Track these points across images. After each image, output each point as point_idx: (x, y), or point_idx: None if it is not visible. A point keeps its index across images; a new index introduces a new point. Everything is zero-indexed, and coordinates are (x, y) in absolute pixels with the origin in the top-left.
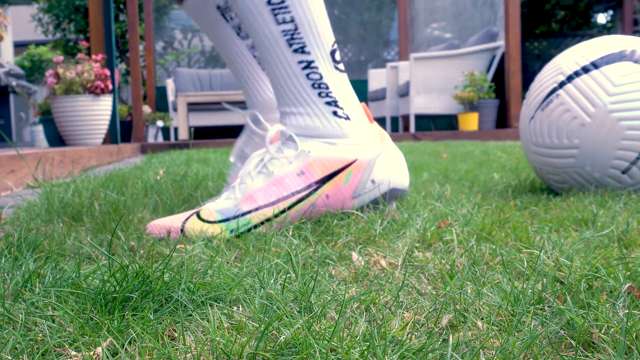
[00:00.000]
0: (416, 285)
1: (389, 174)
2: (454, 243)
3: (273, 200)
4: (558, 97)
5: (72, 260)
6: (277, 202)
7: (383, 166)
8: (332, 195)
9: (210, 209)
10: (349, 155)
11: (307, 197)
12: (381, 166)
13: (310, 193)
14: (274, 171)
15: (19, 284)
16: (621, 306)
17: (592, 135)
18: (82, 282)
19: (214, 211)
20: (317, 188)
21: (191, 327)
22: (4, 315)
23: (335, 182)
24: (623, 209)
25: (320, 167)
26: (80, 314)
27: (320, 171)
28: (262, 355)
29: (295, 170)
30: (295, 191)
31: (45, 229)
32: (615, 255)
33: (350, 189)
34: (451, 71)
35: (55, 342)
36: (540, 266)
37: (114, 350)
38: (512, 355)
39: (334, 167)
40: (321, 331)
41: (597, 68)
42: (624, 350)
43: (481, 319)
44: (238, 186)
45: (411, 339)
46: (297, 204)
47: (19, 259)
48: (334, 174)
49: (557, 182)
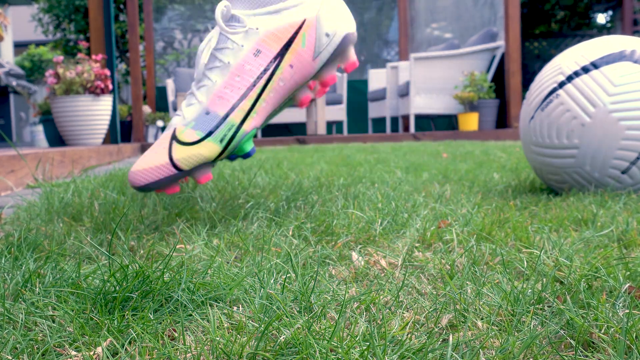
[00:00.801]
0: (416, 285)
1: (337, 22)
2: (453, 243)
3: (244, 92)
4: (558, 97)
5: (72, 260)
6: (249, 92)
7: (329, 16)
8: (296, 62)
9: (183, 128)
10: (296, 18)
11: (274, 74)
12: (327, 17)
13: (275, 69)
14: (230, 61)
15: (19, 284)
16: (621, 306)
17: (592, 135)
18: (82, 282)
19: (190, 129)
20: (279, 61)
21: (191, 327)
22: (4, 315)
23: (294, 48)
24: (623, 209)
25: (274, 39)
26: (80, 313)
27: (275, 44)
28: (262, 355)
29: (250, 52)
30: (261, 73)
31: (45, 228)
32: (615, 255)
33: (310, 50)
34: (451, 71)
35: (56, 342)
36: (540, 266)
37: (114, 350)
38: (512, 355)
39: (287, 35)
40: (321, 331)
41: (597, 68)
42: (624, 350)
43: (481, 318)
44: (197, 90)
45: (411, 339)
46: (267, 85)
47: (19, 258)
48: (290, 41)
49: (557, 182)
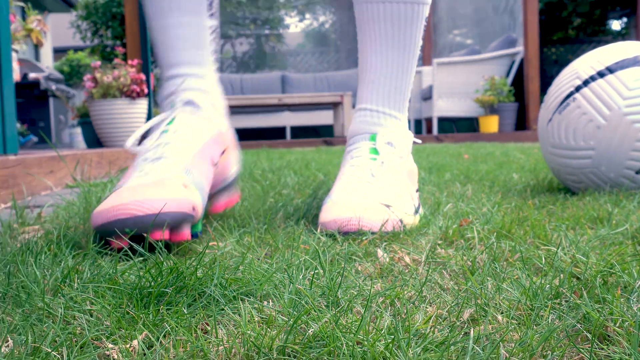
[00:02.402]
0: (439, 280)
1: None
2: (474, 240)
3: None
4: (575, 101)
5: (109, 257)
6: None
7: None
8: None
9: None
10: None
11: None
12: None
13: None
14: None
15: (58, 280)
16: (635, 301)
17: (607, 137)
18: (118, 278)
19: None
20: None
21: (223, 321)
22: (44, 309)
23: None
24: (637, 208)
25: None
26: (116, 308)
27: None
28: (291, 348)
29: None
30: None
31: (84, 227)
32: (630, 252)
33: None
34: (472, 76)
35: (93, 335)
36: (557, 262)
37: (149, 343)
38: (531, 348)
39: None
40: (348, 325)
41: (612, 72)
42: (638, 343)
43: (501, 313)
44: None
45: (434, 332)
46: None
47: (58, 255)
48: None
49: (573, 182)
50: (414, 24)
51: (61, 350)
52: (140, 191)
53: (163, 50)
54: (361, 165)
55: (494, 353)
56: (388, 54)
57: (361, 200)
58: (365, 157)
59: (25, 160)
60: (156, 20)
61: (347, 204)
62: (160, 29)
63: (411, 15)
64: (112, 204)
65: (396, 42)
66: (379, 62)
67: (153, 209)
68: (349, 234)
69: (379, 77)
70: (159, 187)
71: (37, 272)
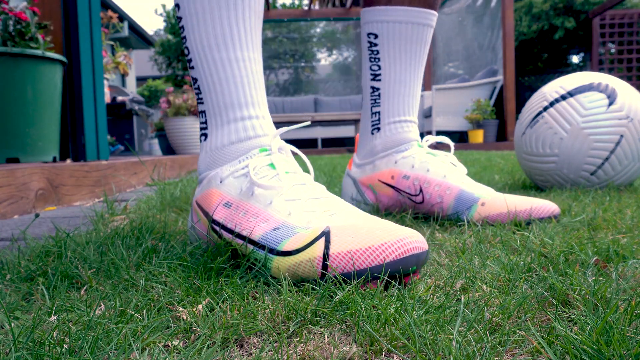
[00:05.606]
0: (436, 258)
1: None
2: (465, 227)
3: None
4: (543, 118)
5: (180, 240)
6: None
7: None
8: None
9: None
10: None
11: None
12: None
13: None
14: None
15: (140, 257)
16: (590, 274)
17: (568, 147)
18: (187, 257)
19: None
20: None
21: (269, 290)
22: (128, 281)
23: None
24: (591, 202)
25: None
26: (185, 280)
27: None
28: (321, 311)
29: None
30: None
31: (160, 216)
32: (585, 236)
33: None
34: (463, 98)
35: (167, 301)
36: (529, 244)
37: (210, 307)
38: (509, 311)
39: None
40: (365, 293)
41: (572, 96)
42: (592, 307)
43: (485, 283)
44: None
45: (433, 298)
46: None
47: (140, 239)
48: None
49: (542, 181)
50: (428, 43)
51: (142, 312)
52: (390, 230)
53: (228, 86)
54: (447, 161)
55: (480, 315)
56: (418, 69)
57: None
58: (441, 156)
59: (114, 164)
60: (220, 53)
61: (510, 198)
62: (227, 61)
63: (427, 35)
64: (396, 238)
65: (419, 58)
66: (410, 77)
67: (425, 245)
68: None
69: (410, 91)
70: (390, 225)
71: (123, 252)
